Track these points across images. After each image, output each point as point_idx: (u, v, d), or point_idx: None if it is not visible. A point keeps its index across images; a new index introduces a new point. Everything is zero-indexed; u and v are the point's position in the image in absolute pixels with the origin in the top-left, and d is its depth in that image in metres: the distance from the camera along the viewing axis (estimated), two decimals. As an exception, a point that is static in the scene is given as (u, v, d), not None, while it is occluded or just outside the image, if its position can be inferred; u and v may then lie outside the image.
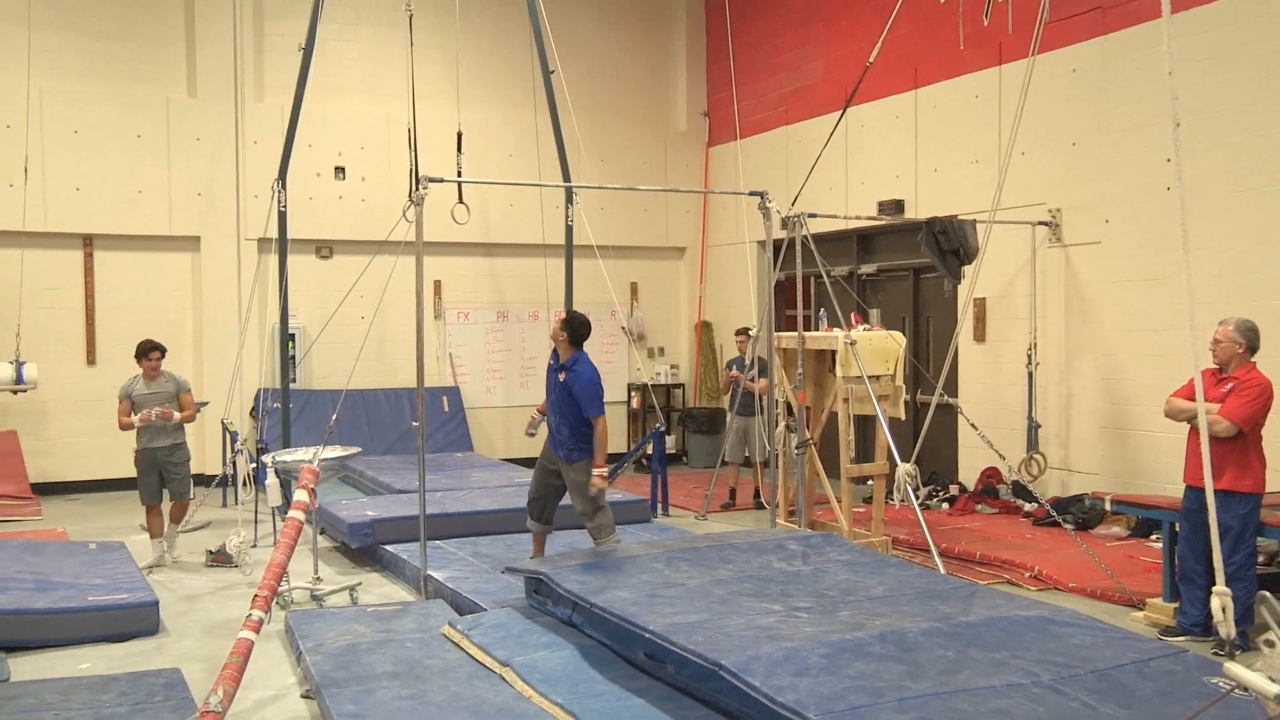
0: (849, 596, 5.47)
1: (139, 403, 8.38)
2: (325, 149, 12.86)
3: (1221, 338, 6.17)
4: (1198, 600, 6.14)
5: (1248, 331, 6.13)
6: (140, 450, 8.45)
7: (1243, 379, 6.06)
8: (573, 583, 5.75)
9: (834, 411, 8.64)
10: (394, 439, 12.77)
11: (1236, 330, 6.13)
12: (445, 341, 13.69)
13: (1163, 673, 4.44)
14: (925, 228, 9.29)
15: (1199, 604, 6.13)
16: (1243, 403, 5.98)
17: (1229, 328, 6.16)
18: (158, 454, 8.41)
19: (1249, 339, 6.12)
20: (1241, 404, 5.97)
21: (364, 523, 8.42)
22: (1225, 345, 6.15)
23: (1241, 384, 6.04)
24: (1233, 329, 6.14)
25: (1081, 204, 9.48)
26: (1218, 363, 6.23)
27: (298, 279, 12.11)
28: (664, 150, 14.71)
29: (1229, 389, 6.06)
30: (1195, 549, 6.18)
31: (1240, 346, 6.11)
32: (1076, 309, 9.59)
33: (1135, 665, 4.49)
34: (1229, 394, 6.03)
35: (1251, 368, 6.14)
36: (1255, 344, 6.17)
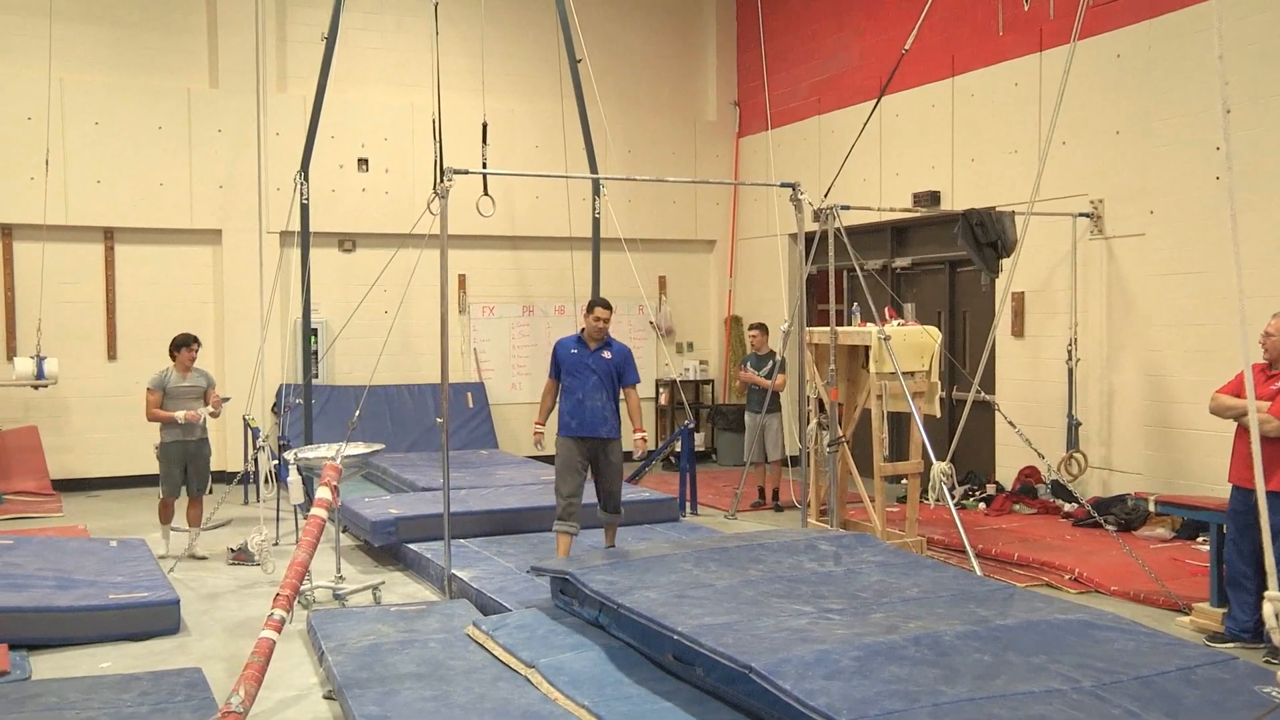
0: (882, 598, 5.45)
1: (172, 395, 8.54)
2: (348, 140, 12.92)
3: (1274, 331, 6.11)
4: (1247, 605, 6.07)
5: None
6: (171, 443, 8.62)
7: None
8: (599, 583, 5.74)
9: (867, 409, 8.61)
10: (417, 436, 12.80)
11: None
12: (470, 336, 13.73)
13: (1211, 680, 4.39)
14: (962, 220, 9.23)
15: (1249, 609, 6.06)
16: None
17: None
18: (189, 447, 8.61)
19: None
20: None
21: (387, 521, 8.45)
22: (1277, 339, 6.09)
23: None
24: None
25: (1125, 195, 9.39)
26: (1268, 358, 6.16)
27: (320, 273, 12.18)
28: (693, 141, 14.69)
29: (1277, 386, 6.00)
30: (1243, 552, 6.11)
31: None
32: (1119, 303, 9.50)
33: (1181, 672, 4.44)
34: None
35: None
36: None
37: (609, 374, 7.45)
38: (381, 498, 9.68)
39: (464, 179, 7.75)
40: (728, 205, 14.92)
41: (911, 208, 11.34)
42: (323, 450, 7.87)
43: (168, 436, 8.64)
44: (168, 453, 8.63)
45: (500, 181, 12.60)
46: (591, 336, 7.48)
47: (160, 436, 8.71)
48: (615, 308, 7.46)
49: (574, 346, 7.50)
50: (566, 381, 7.48)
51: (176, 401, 8.59)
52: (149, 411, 8.59)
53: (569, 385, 7.48)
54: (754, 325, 11.06)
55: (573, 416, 7.39)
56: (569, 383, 7.47)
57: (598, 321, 7.43)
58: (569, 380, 7.47)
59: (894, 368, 8.12)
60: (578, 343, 7.51)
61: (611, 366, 7.46)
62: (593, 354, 7.44)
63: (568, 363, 7.47)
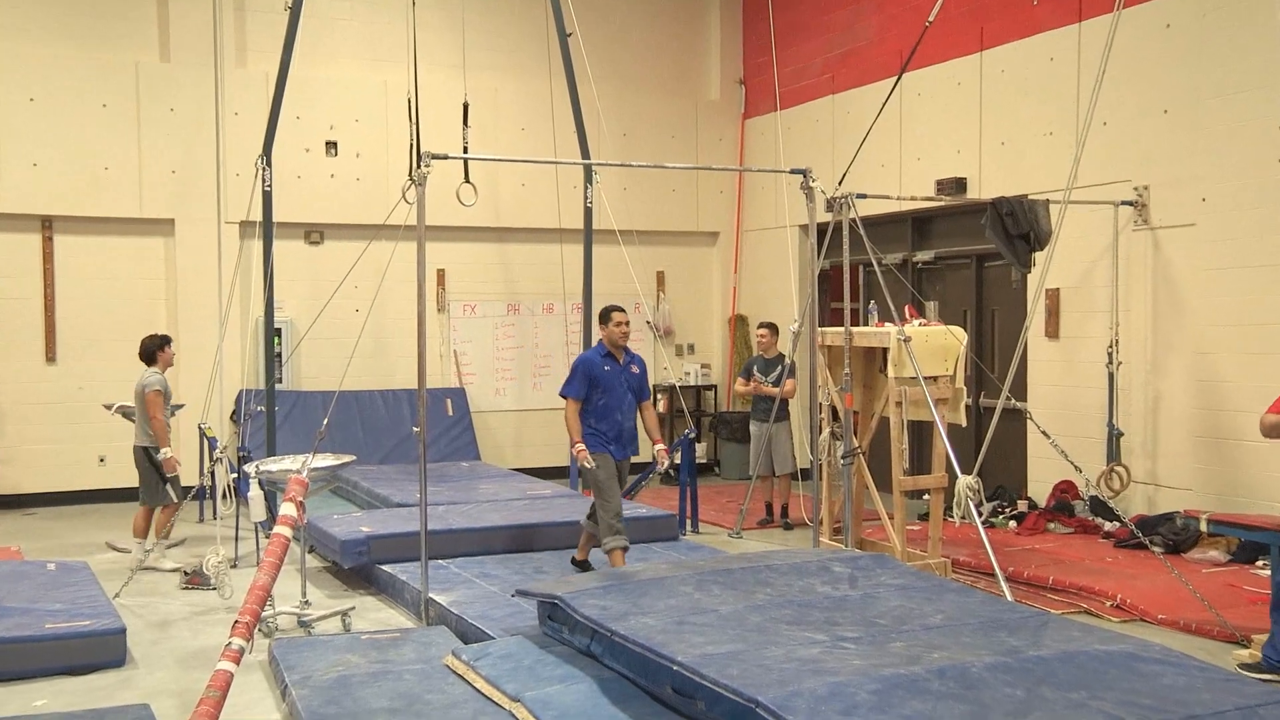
0: (903, 625, 5.44)
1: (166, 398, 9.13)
2: (315, 122, 12.91)
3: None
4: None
5: None
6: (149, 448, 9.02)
7: None
8: (592, 608, 5.74)
9: (885, 417, 8.60)
10: (392, 446, 12.81)
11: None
12: (449, 338, 13.72)
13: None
14: (990, 209, 9.23)
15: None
16: None
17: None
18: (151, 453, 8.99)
19: None
20: None
21: (358, 540, 8.44)
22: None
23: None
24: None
25: (1173, 180, 9.39)
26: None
27: (284, 267, 12.17)
28: (694, 123, 14.69)
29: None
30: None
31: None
32: (1166, 300, 9.51)
33: (1240, 713, 4.40)
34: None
35: None
36: None
37: (636, 390, 7.87)
38: (352, 515, 9.67)
39: (443, 164, 7.75)
40: (732, 194, 14.92)
41: (935, 196, 11.34)
42: (287, 462, 7.86)
43: (149, 441, 9.05)
44: (150, 459, 9.02)
45: (483, 167, 12.60)
46: (616, 345, 7.77)
47: (139, 440, 9.10)
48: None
49: (605, 363, 7.75)
50: (602, 399, 7.72)
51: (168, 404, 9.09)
52: (156, 418, 8.97)
53: (606, 403, 7.73)
54: (762, 325, 11.07)
55: (612, 438, 7.72)
56: (606, 400, 7.74)
57: (619, 327, 7.73)
58: (606, 398, 7.71)
59: (915, 372, 8.11)
60: (605, 358, 7.77)
61: (639, 382, 7.89)
62: (623, 369, 7.80)
63: (604, 381, 7.71)
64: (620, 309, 7.88)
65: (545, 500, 10.27)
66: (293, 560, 7.71)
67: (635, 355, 7.97)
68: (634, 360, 7.92)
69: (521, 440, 13.96)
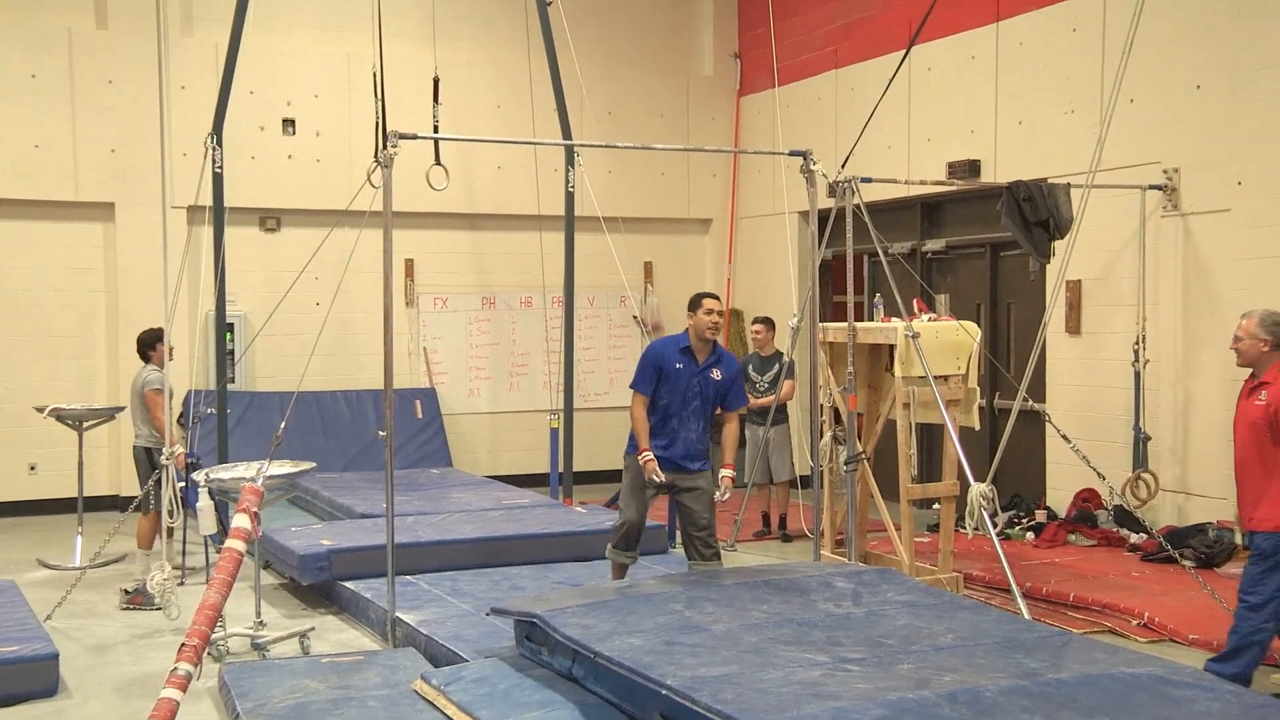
0: (911, 646, 5.44)
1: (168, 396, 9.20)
2: (271, 97, 12.87)
3: (1243, 334, 6.33)
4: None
5: (1274, 325, 6.28)
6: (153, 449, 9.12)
7: (1275, 382, 6.20)
8: (573, 627, 5.73)
9: (892, 420, 8.61)
10: (356, 452, 12.79)
11: (1261, 325, 6.28)
12: (419, 334, 13.69)
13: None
14: (1006, 194, 9.25)
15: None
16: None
17: (1252, 322, 6.31)
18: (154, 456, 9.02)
19: (1276, 334, 6.27)
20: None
21: (319, 554, 8.43)
22: (1248, 343, 6.30)
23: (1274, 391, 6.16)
24: (1256, 323, 6.29)
25: (1206, 162, 9.41)
26: (1241, 364, 6.42)
27: (238, 256, 12.12)
28: (685, 101, 14.68)
29: (1262, 399, 6.21)
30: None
31: (1265, 344, 6.27)
32: (1198, 293, 9.53)
33: (1278, 740, 4.44)
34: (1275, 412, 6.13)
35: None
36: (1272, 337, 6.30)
37: (713, 399, 7.38)
38: (312, 527, 9.66)
39: (412, 145, 7.72)
40: (726, 177, 14.92)
41: (946, 180, 11.35)
42: (240, 470, 7.83)
43: (151, 440, 9.21)
44: (151, 460, 9.11)
45: (455, 148, 12.57)
46: (702, 338, 7.29)
47: (141, 440, 9.26)
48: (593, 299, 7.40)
49: (679, 359, 7.26)
50: (664, 400, 7.30)
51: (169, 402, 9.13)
52: (158, 417, 9.10)
53: (666, 406, 7.30)
54: (757, 320, 11.06)
55: (662, 446, 7.27)
56: (666, 403, 7.29)
57: (710, 315, 7.21)
58: (666, 400, 7.28)
59: (924, 371, 8.12)
60: (682, 352, 7.28)
61: (718, 390, 7.37)
62: (701, 372, 7.29)
63: (672, 379, 7.26)
64: (714, 296, 7.35)
65: (523, 510, 10.25)
66: (246, 577, 7.66)
67: (726, 354, 7.44)
68: (721, 361, 7.37)
69: (497, 445, 13.93)
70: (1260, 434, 6.20)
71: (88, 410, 10.33)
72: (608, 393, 14.39)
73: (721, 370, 7.37)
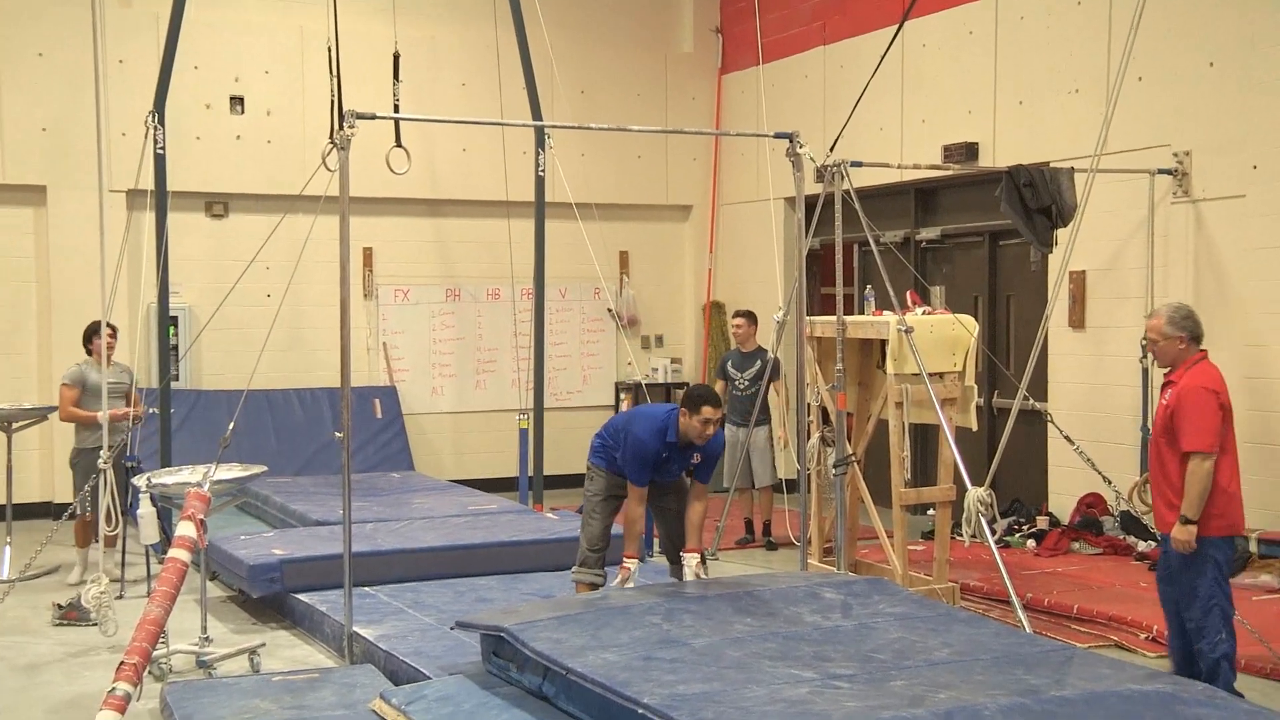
0: (904, 661, 5.46)
1: (92, 393, 9.27)
2: (217, 73, 12.82)
3: (1155, 335, 6.42)
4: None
5: (1184, 320, 6.38)
6: (93, 449, 8.99)
7: (1181, 383, 6.30)
8: (544, 642, 5.72)
9: (884, 420, 8.62)
10: (310, 454, 12.78)
11: (1170, 322, 6.37)
12: (378, 328, 13.67)
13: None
14: (1006, 179, 9.27)
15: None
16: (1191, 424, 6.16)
17: (1160, 320, 6.40)
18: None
19: (1189, 328, 6.37)
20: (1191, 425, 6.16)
21: (270, 564, 8.42)
22: (1163, 344, 6.40)
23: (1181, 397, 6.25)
24: (1165, 321, 6.38)
25: (1219, 145, 9.45)
26: (1159, 365, 6.57)
27: (182, 244, 12.05)
28: (664, 79, 14.67)
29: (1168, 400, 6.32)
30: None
31: (1181, 340, 6.36)
32: (1210, 285, 9.57)
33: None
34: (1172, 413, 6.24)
35: (1196, 363, 6.36)
36: (1197, 332, 6.39)
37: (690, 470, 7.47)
38: (263, 535, 9.63)
39: (371, 125, 7.68)
40: (707, 161, 14.92)
41: (942, 164, 11.37)
42: (185, 474, 7.81)
43: (88, 442, 9.22)
44: (86, 461, 9.06)
45: (417, 129, 12.53)
46: (689, 440, 7.24)
47: (76, 441, 9.24)
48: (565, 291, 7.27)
49: (664, 450, 7.25)
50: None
51: (97, 401, 9.00)
52: (64, 410, 9.20)
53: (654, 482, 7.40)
54: (738, 313, 11.06)
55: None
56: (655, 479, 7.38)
57: (707, 426, 7.11)
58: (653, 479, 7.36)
59: (918, 368, 8.13)
60: (668, 445, 7.24)
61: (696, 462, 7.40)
62: (684, 451, 7.31)
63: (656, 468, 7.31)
64: (716, 402, 7.18)
65: (490, 517, 10.25)
66: (191, 589, 7.64)
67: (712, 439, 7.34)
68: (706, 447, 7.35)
69: (462, 447, 13.90)
70: (1166, 435, 6.30)
71: (18, 410, 10.25)
72: (580, 391, 14.39)
73: (702, 453, 7.35)
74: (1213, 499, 6.13)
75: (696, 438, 7.15)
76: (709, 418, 7.06)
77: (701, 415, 7.06)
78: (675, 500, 7.52)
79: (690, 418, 7.08)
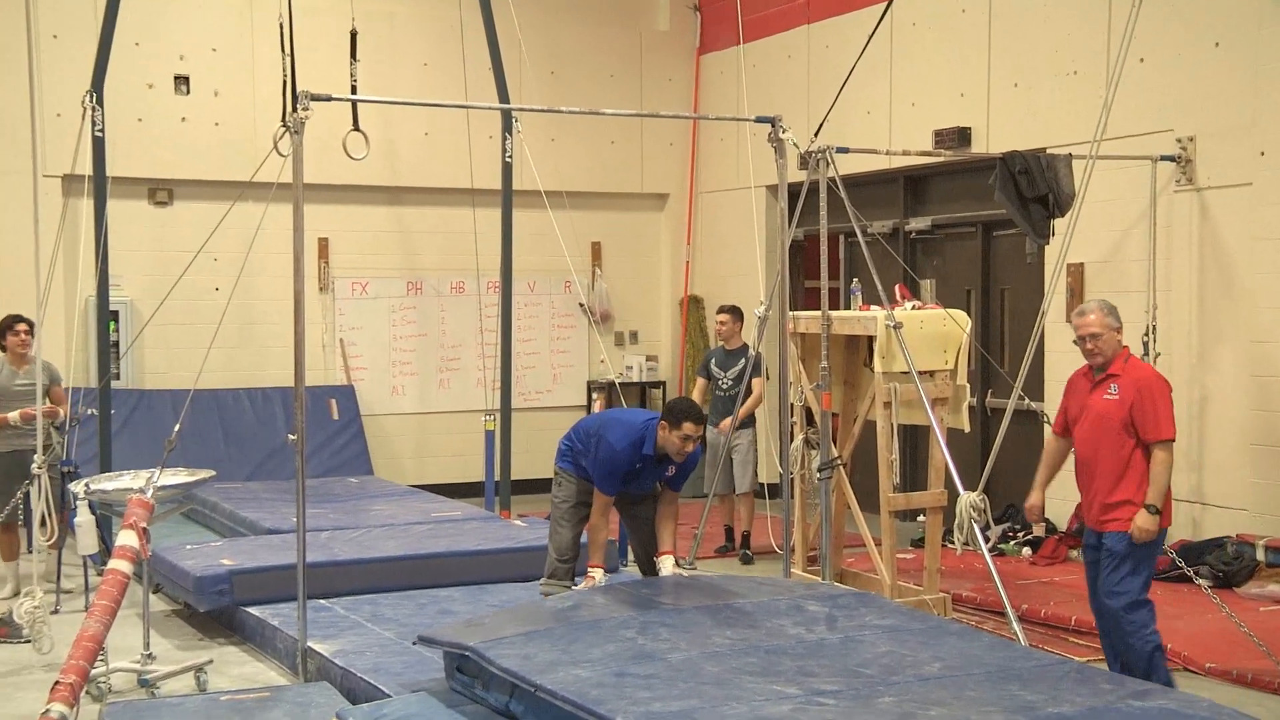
0: (892, 676, 5.46)
1: (4, 394, 9.18)
2: (160, 50, 12.76)
3: (1099, 329, 6.58)
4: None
5: (1114, 311, 6.64)
6: (7, 454, 9.13)
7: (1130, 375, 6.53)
8: (511, 658, 5.71)
9: (871, 421, 8.64)
10: (262, 458, 12.76)
11: (1108, 314, 6.60)
12: (334, 323, 13.63)
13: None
14: (1000, 166, 9.30)
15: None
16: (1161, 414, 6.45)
17: (1101, 314, 6.60)
18: (28, 457, 8.68)
19: (1119, 319, 6.64)
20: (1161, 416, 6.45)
21: (218, 576, 8.39)
22: (1107, 337, 6.59)
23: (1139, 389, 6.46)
24: (1103, 314, 6.59)
25: (1225, 129, 9.49)
26: (1096, 362, 6.69)
27: (123, 233, 12.00)
28: (638, 59, 14.67)
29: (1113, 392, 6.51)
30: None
31: (1119, 332, 6.62)
32: (1215, 278, 9.62)
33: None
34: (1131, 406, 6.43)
35: (1129, 356, 6.69)
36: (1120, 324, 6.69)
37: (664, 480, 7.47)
38: (210, 544, 9.60)
39: (326, 108, 7.66)
40: (685, 147, 14.93)
41: (932, 150, 11.40)
42: (126, 480, 7.76)
43: (3, 447, 9.19)
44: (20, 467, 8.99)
45: (376, 112, 12.50)
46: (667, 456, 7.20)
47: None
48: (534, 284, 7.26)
49: (639, 461, 7.22)
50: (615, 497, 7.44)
51: (11, 403, 9.11)
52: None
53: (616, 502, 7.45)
54: (723, 309, 11.03)
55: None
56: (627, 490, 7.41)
57: (687, 442, 7.04)
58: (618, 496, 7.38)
59: (907, 366, 8.15)
60: (644, 458, 7.22)
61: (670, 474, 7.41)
62: (659, 465, 7.29)
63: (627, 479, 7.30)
64: (696, 419, 7.07)
65: (454, 524, 10.24)
66: (133, 603, 7.61)
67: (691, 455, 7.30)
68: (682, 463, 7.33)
69: (424, 450, 13.89)
70: (1111, 429, 6.49)
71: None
72: (550, 391, 14.38)
73: (678, 466, 7.32)
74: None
75: (674, 454, 7.10)
76: (689, 434, 6.99)
77: (682, 431, 6.99)
78: (648, 508, 7.52)
79: (670, 432, 7.02)
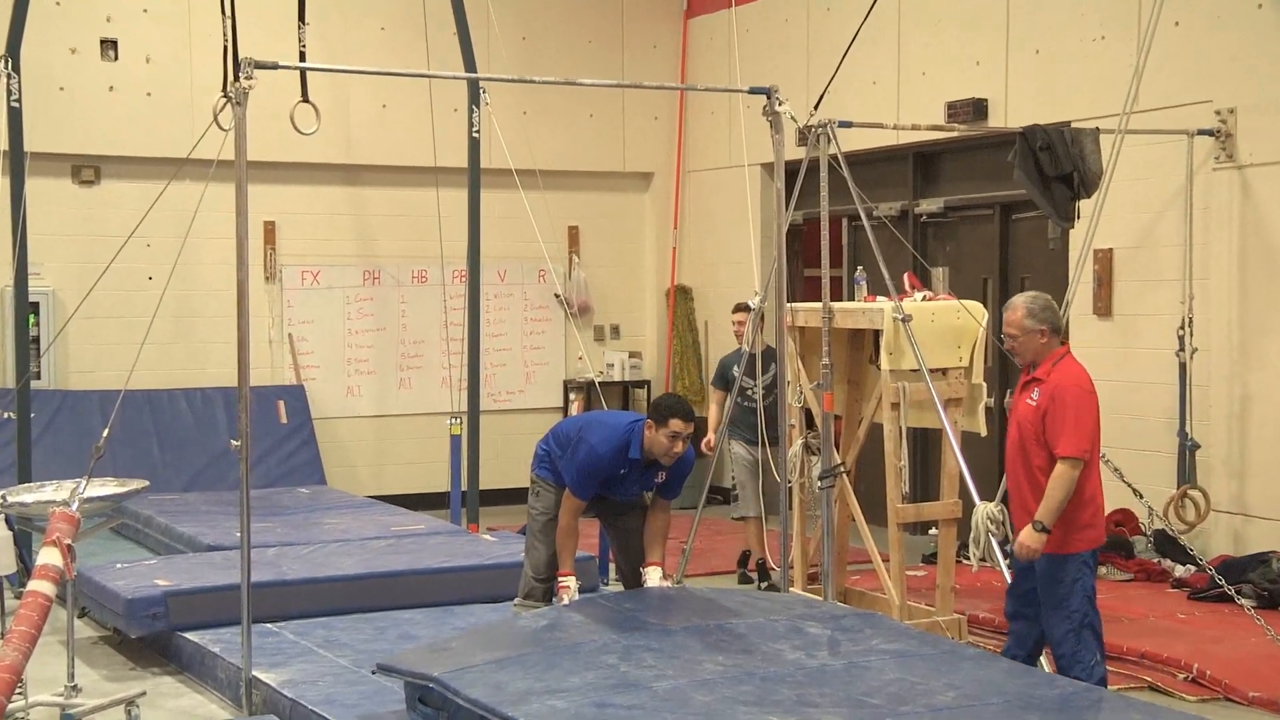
0: (901, 706, 5.47)
1: None
2: (85, 10, 12.73)
3: (1014, 330, 6.66)
4: None
5: (1044, 310, 6.63)
6: None
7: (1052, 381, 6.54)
8: (480, 687, 5.71)
9: (878, 423, 8.64)
10: (201, 467, 12.73)
11: (1029, 315, 6.61)
12: (283, 317, 13.61)
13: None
14: (1020, 142, 9.31)
15: None
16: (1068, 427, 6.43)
17: (1018, 313, 6.64)
18: None
19: (1049, 319, 6.63)
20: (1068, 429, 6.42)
21: (152, 598, 8.35)
22: (1023, 339, 6.65)
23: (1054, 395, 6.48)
24: (1023, 314, 6.62)
25: (1269, 101, 9.50)
26: (1020, 363, 6.80)
27: (43, 216, 11.95)
28: (619, 24, 14.68)
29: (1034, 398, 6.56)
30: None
31: (1042, 333, 6.61)
32: (1258, 264, 9.64)
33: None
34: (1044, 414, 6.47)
35: (1062, 357, 6.65)
36: (1058, 323, 6.70)
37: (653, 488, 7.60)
38: (144, 563, 9.58)
39: (272, 76, 7.64)
40: (672, 121, 14.93)
41: (945, 125, 11.41)
42: (48, 491, 7.74)
43: None
44: None
45: (328, 82, 12.49)
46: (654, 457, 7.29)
47: None
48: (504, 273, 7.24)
49: (624, 466, 7.35)
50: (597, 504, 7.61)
51: None
52: None
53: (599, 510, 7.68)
54: (739, 307, 10.78)
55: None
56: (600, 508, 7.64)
57: (675, 441, 7.14)
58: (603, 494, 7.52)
59: (917, 363, 8.16)
60: (629, 463, 7.35)
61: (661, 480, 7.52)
62: (646, 470, 7.40)
63: (612, 484, 7.42)
64: (684, 415, 7.17)
65: (416, 540, 10.24)
66: (56, 628, 7.61)
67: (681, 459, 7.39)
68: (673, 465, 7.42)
69: (383, 457, 13.89)
70: (1028, 437, 6.54)
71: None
72: (523, 391, 14.38)
73: (668, 471, 7.44)
74: (1080, 510, 6.45)
75: (663, 455, 7.17)
76: (678, 431, 7.08)
77: (669, 428, 7.08)
78: (635, 519, 7.58)
79: (656, 430, 7.11)
